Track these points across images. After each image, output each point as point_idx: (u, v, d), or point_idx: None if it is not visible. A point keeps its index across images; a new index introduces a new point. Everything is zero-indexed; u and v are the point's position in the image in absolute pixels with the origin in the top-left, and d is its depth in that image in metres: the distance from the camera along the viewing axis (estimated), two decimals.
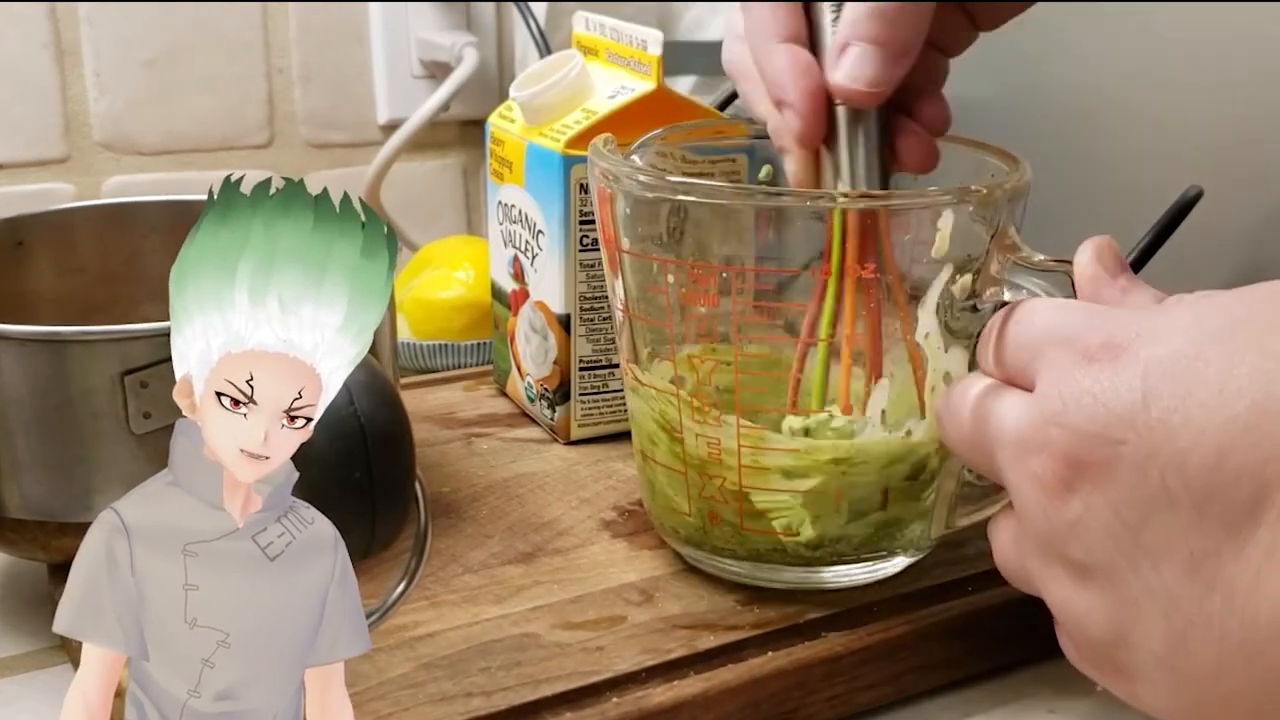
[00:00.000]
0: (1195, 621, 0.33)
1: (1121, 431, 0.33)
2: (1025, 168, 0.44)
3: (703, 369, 0.44)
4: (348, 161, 0.89)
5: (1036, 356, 0.36)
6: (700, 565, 0.47)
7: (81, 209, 0.59)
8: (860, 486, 0.43)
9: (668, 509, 0.46)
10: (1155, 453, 0.33)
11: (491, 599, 0.45)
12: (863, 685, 0.43)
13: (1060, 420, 0.34)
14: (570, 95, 0.56)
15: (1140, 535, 0.33)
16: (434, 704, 0.39)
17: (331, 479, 0.32)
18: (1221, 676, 0.33)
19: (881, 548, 0.45)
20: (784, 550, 0.44)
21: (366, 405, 0.32)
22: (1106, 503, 0.34)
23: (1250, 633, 0.32)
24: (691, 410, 0.43)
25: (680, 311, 0.44)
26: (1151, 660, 0.34)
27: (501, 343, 0.62)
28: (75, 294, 0.56)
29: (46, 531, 0.45)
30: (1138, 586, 0.34)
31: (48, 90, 0.80)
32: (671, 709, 0.40)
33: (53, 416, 0.43)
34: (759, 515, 0.44)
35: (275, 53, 0.86)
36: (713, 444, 0.43)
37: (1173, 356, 0.33)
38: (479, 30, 0.90)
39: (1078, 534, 0.35)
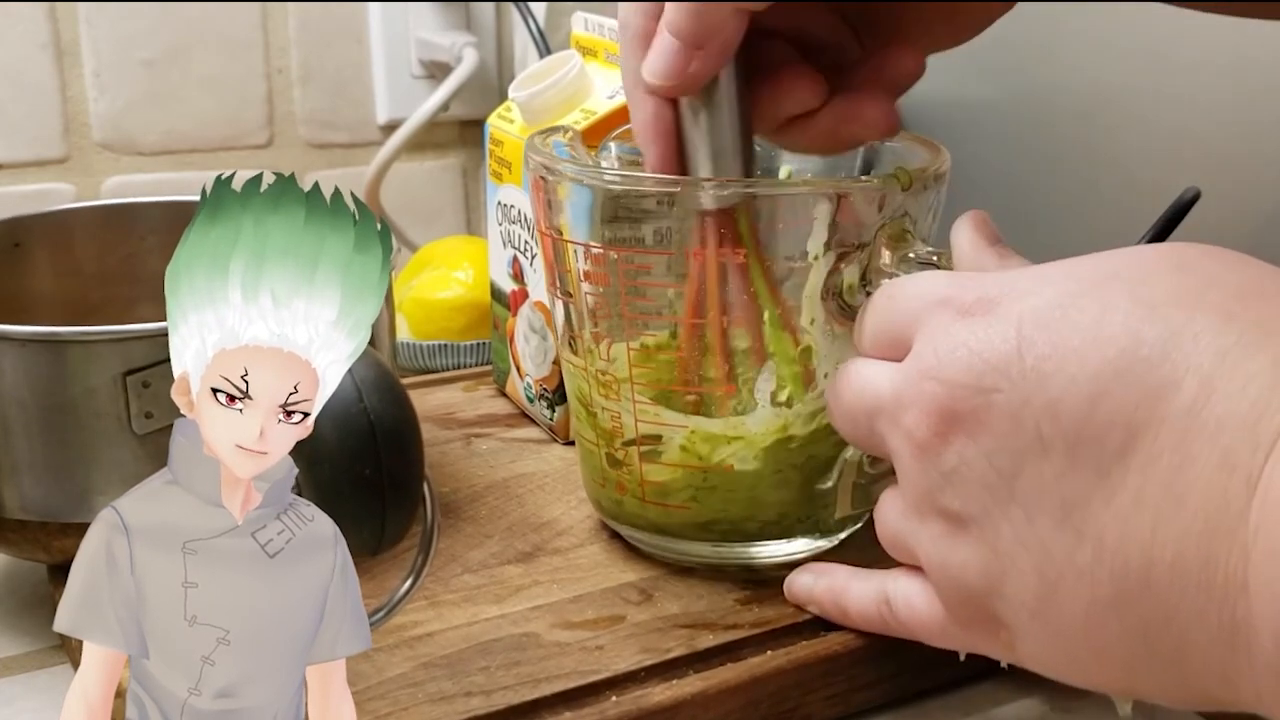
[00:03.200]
0: (1066, 573, 0.33)
1: (995, 380, 0.33)
2: (943, 158, 0.44)
3: (599, 348, 0.45)
4: (347, 162, 0.89)
5: (911, 322, 0.37)
6: (637, 543, 0.48)
7: (79, 210, 0.59)
8: (753, 465, 0.45)
9: (591, 482, 0.49)
10: (1029, 400, 0.33)
11: (491, 599, 0.45)
12: (861, 684, 0.43)
13: (935, 374, 0.35)
14: (569, 95, 0.56)
15: (1014, 484, 0.33)
16: (433, 703, 0.39)
17: (342, 476, 0.32)
18: (1093, 628, 0.33)
19: (788, 529, 0.46)
20: (691, 526, 0.46)
21: (376, 403, 0.32)
22: (980, 452, 0.34)
23: (1120, 583, 0.32)
24: (598, 385, 0.45)
25: (584, 292, 0.45)
26: (1025, 612, 0.34)
27: (501, 343, 0.62)
28: (73, 295, 0.56)
29: (48, 532, 0.45)
30: (1010, 536, 0.34)
31: (47, 90, 0.80)
32: (671, 708, 0.40)
33: (54, 417, 0.43)
34: (659, 490, 0.46)
35: (275, 53, 0.86)
36: (615, 418, 0.45)
37: (1047, 306, 0.33)
38: (478, 30, 0.90)
39: (953, 484, 0.35)
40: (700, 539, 0.46)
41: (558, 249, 0.45)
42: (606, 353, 0.45)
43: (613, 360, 0.45)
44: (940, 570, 0.37)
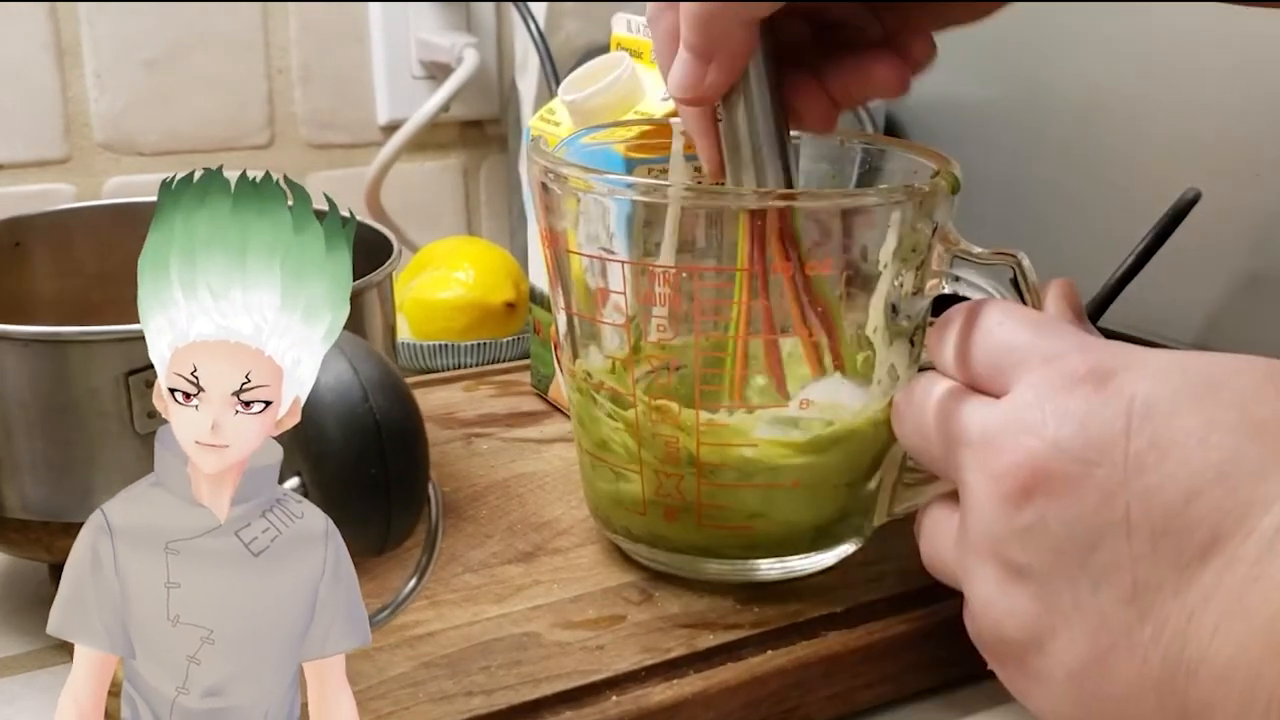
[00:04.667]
0: (1120, 645, 0.34)
1: (1097, 455, 0.34)
2: (954, 165, 0.44)
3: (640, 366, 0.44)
4: (348, 162, 0.89)
5: (1014, 367, 0.37)
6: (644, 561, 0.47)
7: (79, 210, 0.59)
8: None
9: (597, 498, 0.48)
10: (1126, 482, 0.34)
11: (491, 598, 0.45)
12: (862, 684, 0.43)
13: (1038, 432, 0.35)
14: (622, 97, 0.56)
15: (1089, 555, 0.34)
16: (434, 702, 0.39)
17: (348, 475, 0.32)
18: (1130, 702, 0.34)
19: (831, 537, 0.46)
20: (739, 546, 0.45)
21: (382, 402, 0.32)
22: (1063, 518, 0.34)
23: (1171, 667, 0.33)
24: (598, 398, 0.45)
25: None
26: (1062, 671, 0.35)
27: (542, 347, 0.62)
28: (73, 295, 0.56)
29: (50, 532, 0.45)
30: (1070, 601, 0.35)
31: (48, 90, 0.80)
32: (671, 707, 0.40)
33: (56, 417, 0.43)
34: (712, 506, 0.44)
35: (275, 53, 0.86)
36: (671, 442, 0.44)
37: (1160, 399, 0.34)
38: (479, 31, 0.90)
39: (1025, 539, 0.35)
40: (746, 555, 0.45)
41: (565, 259, 0.44)
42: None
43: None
44: (984, 608, 0.37)
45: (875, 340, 0.43)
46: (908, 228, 0.41)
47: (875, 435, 0.44)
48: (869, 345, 0.44)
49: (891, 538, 0.48)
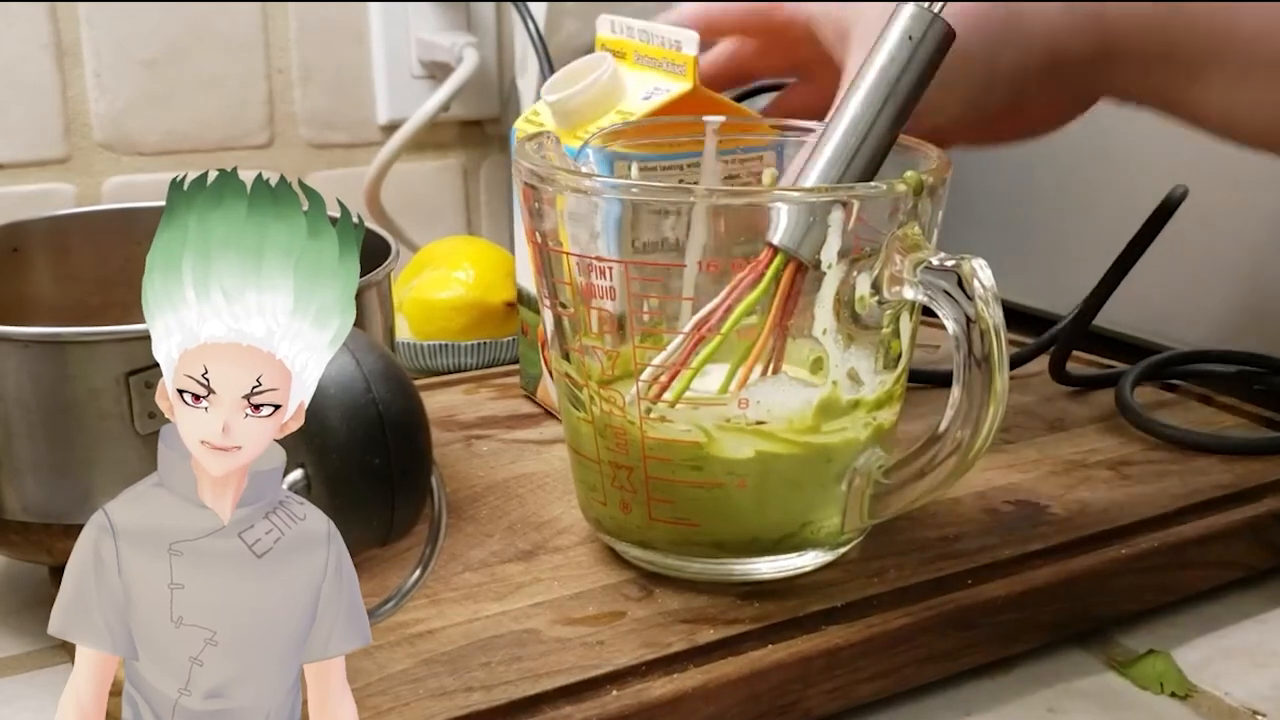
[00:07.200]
0: None
1: None
2: (945, 162, 0.44)
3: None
4: (348, 162, 0.89)
5: None
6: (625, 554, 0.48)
7: (77, 214, 0.59)
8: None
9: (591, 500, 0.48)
10: None
11: (492, 596, 0.45)
12: (862, 678, 0.43)
13: None
14: (603, 97, 0.56)
15: None
16: (434, 699, 0.39)
17: (352, 466, 0.32)
18: None
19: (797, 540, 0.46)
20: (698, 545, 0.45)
21: (384, 393, 0.32)
22: None
23: None
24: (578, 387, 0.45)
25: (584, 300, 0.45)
26: None
27: (530, 348, 0.62)
28: (72, 299, 0.56)
29: (50, 534, 0.45)
30: None
31: (48, 90, 0.80)
32: (671, 702, 0.40)
33: (57, 418, 0.43)
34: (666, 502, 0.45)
35: (275, 53, 0.86)
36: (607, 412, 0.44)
37: None
38: (479, 31, 0.90)
39: None
40: (705, 555, 0.46)
41: (552, 259, 0.45)
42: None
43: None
44: None
45: (825, 342, 0.43)
46: (851, 230, 0.41)
47: (826, 437, 0.44)
48: (820, 346, 0.43)
49: (890, 534, 0.48)
